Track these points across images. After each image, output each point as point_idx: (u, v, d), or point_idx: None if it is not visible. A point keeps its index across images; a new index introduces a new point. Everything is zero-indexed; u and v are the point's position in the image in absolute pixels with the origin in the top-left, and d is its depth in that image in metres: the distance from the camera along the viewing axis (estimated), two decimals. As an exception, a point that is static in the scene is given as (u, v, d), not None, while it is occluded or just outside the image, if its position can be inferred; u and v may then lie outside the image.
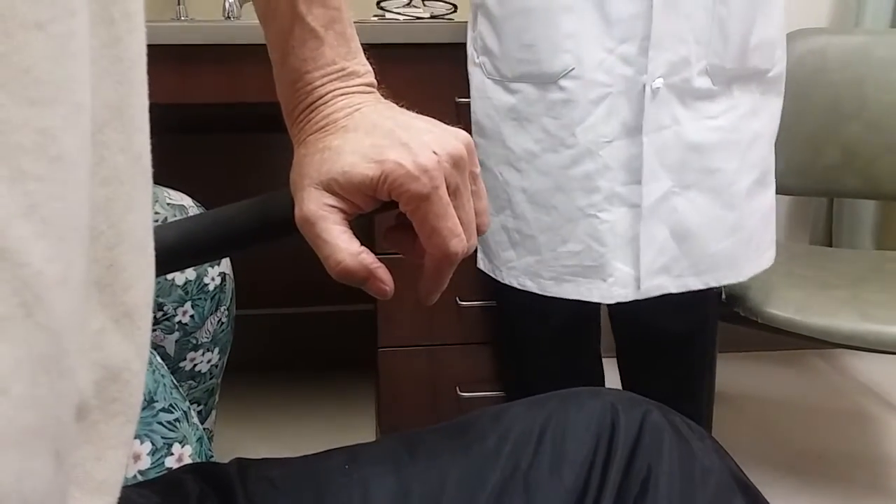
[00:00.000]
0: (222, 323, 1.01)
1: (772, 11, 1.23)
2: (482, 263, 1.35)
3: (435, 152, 0.42)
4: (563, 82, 1.14)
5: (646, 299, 1.21)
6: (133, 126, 0.29)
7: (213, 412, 1.10)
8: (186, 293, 0.94)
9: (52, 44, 0.22)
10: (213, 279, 0.98)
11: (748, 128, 1.23)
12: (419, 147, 0.42)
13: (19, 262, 0.21)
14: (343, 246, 0.42)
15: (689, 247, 1.21)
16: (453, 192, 0.43)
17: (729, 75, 1.19)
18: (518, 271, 1.26)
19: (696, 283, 1.24)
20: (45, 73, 0.22)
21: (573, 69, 1.13)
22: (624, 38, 1.12)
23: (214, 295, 0.98)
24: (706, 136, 1.18)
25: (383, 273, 0.44)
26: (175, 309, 0.93)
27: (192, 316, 0.95)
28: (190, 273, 0.94)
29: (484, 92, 1.25)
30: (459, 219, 0.44)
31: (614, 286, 1.20)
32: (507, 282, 1.28)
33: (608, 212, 1.17)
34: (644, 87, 1.12)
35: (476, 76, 1.27)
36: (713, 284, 1.25)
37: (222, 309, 1.00)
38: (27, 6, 0.21)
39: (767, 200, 1.29)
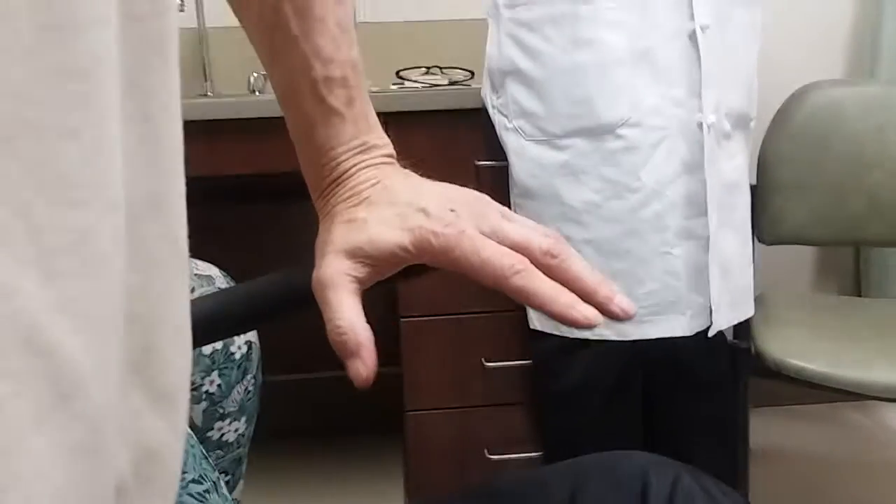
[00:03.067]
0: (249, 391, 1.01)
1: (755, 66, 1.32)
2: (537, 323, 1.34)
3: (452, 209, 0.44)
4: (620, 131, 1.18)
5: (680, 340, 1.23)
6: (169, 212, 0.30)
7: (241, 482, 1.09)
8: (213, 362, 0.94)
9: (85, 149, 0.23)
10: (239, 348, 0.98)
11: (746, 171, 1.33)
12: (436, 209, 0.44)
13: (55, 356, 0.21)
14: (346, 314, 0.43)
15: (728, 282, 1.25)
16: (489, 232, 0.43)
17: (739, 120, 1.28)
18: None
19: (733, 319, 1.30)
20: (79, 177, 0.23)
21: (630, 117, 1.18)
22: (672, 82, 1.18)
23: (241, 364, 0.98)
24: (731, 175, 1.26)
25: (368, 356, 0.42)
26: (202, 378, 0.93)
27: (219, 385, 0.95)
28: (217, 342, 0.94)
29: (525, 155, 1.27)
30: (509, 239, 0.43)
31: (693, 318, 1.23)
32: (577, 336, 1.27)
33: (678, 246, 1.21)
34: (700, 124, 1.18)
35: (512, 140, 1.29)
36: (741, 318, 1.31)
37: (248, 377, 1.01)
38: (60, 116, 0.22)
39: None
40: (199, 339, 0.47)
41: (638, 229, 1.20)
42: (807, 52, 1.87)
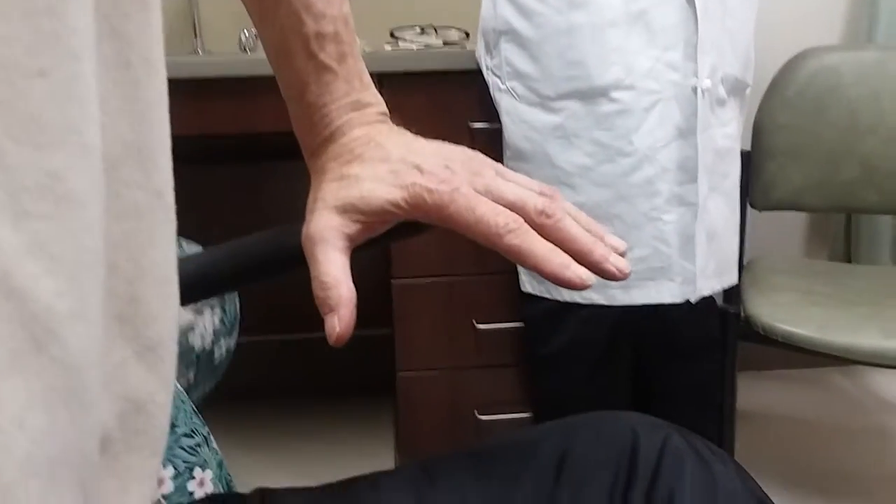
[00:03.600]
0: (204, 393, 1.01)
1: (752, 32, 1.32)
2: (529, 286, 1.35)
3: (447, 166, 0.43)
4: (614, 94, 1.17)
5: (668, 305, 1.24)
6: (152, 164, 0.30)
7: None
8: (198, 359, 0.94)
9: (55, 89, 0.22)
10: (220, 353, 0.98)
11: (738, 138, 1.32)
12: (431, 166, 0.43)
13: (27, 299, 0.21)
14: (332, 271, 0.42)
15: (714, 248, 1.26)
16: (483, 190, 0.43)
17: (735, 86, 1.27)
18: None
19: (717, 285, 1.30)
20: (50, 118, 0.22)
21: (624, 80, 1.17)
22: (668, 45, 1.16)
23: (216, 368, 0.98)
24: (723, 142, 1.25)
25: (347, 314, 0.42)
26: (183, 372, 0.93)
27: (189, 381, 0.95)
28: (207, 342, 0.94)
29: (518, 116, 1.26)
30: (504, 198, 0.43)
31: (683, 285, 1.24)
32: (567, 299, 1.29)
33: (669, 212, 1.21)
34: (695, 89, 1.17)
35: (505, 102, 1.28)
36: (725, 286, 1.32)
37: (212, 382, 1.01)
38: (28, 55, 0.22)
39: None
40: (189, 295, 0.47)
41: (628, 194, 1.20)
42: (803, 17, 1.85)
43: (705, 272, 1.24)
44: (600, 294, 1.25)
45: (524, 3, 1.20)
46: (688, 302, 1.25)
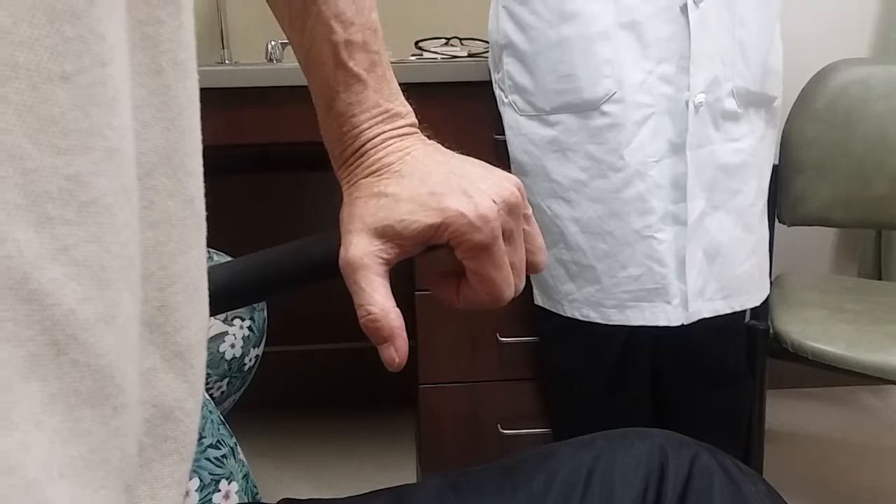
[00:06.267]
0: (234, 402, 1.01)
1: (777, 42, 1.27)
2: (540, 299, 1.34)
3: (494, 201, 0.42)
4: (605, 107, 1.15)
5: (691, 326, 1.20)
6: (183, 171, 0.30)
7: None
8: (230, 369, 0.94)
9: (79, 94, 0.23)
10: (251, 360, 0.99)
11: (762, 153, 1.27)
12: (479, 195, 0.42)
13: (48, 304, 0.21)
14: (378, 299, 0.42)
15: (718, 269, 1.21)
16: (508, 238, 0.44)
17: (750, 98, 1.22)
18: (580, 303, 1.25)
19: (723, 307, 1.24)
20: (73, 122, 0.22)
21: (615, 93, 1.14)
22: (661, 58, 1.14)
23: (245, 376, 0.99)
24: (732, 158, 1.20)
25: (402, 343, 0.42)
26: (215, 382, 0.93)
27: (222, 392, 0.95)
28: (237, 350, 0.95)
29: (518, 130, 1.26)
30: (511, 263, 0.44)
31: (680, 307, 1.19)
32: (569, 315, 1.27)
33: (664, 231, 1.17)
34: (687, 104, 1.14)
35: (508, 115, 1.28)
36: (737, 308, 1.26)
37: (242, 390, 1.01)
38: (52, 60, 0.22)
39: (766, 229, 1.33)
40: (218, 305, 0.47)
41: (619, 210, 1.17)
42: (832, 29, 1.83)
43: (704, 293, 1.20)
44: (597, 313, 1.23)
45: (520, 17, 1.20)
46: (713, 323, 1.22)
